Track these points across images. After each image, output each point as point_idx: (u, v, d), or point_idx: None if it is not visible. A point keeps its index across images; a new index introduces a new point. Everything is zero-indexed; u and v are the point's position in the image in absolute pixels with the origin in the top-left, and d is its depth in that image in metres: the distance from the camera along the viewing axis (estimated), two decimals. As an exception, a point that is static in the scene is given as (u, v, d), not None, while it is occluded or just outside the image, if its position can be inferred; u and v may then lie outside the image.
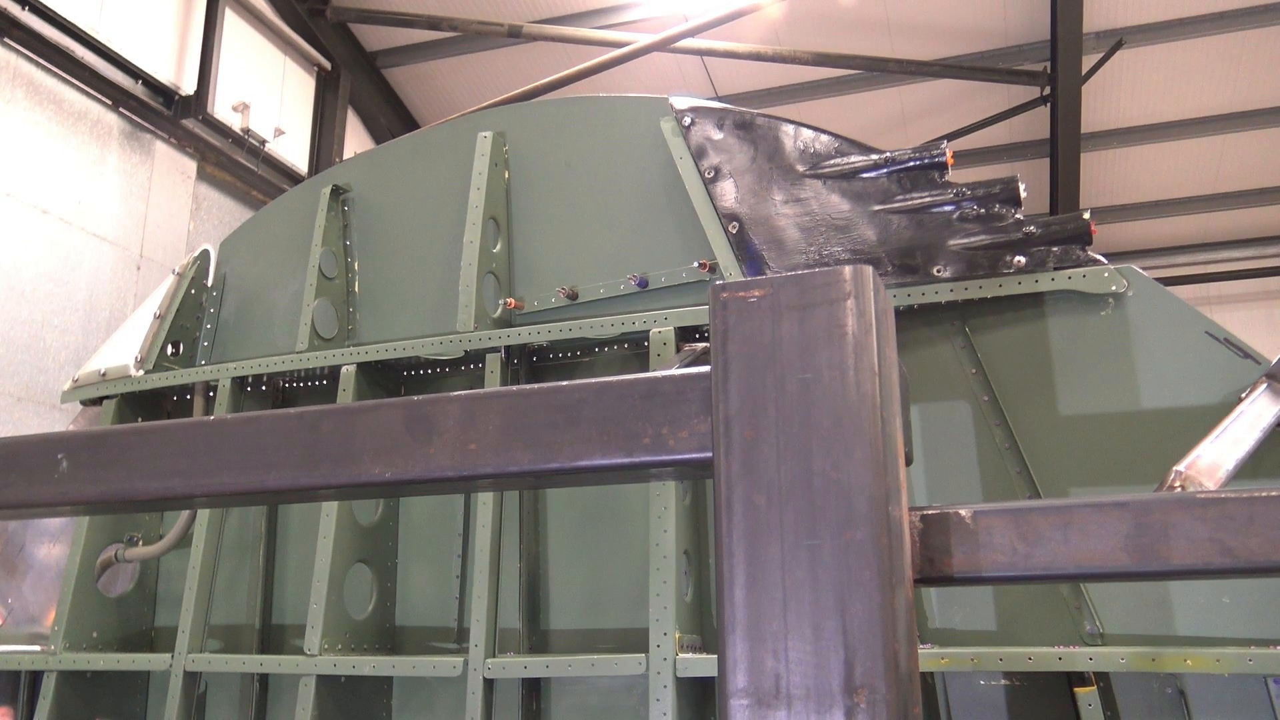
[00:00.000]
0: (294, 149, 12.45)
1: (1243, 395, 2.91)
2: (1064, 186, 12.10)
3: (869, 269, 1.30)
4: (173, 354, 4.41)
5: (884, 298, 1.31)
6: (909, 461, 1.34)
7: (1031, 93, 11.80)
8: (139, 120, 10.69)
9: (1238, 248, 14.40)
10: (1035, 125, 12.48)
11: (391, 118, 13.69)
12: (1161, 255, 14.25)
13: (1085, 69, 11.35)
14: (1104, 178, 13.52)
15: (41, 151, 9.75)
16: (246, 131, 11.59)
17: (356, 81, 13.32)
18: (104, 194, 10.38)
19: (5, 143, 9.39)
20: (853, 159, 3.52)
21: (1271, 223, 14.21)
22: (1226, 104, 12.52)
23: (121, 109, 10.52)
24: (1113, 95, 12.53)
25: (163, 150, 11.03)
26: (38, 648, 4.11)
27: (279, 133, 12.09)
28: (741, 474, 1.27)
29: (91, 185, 10.24)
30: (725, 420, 1.29)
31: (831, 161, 3.55)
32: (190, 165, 11.35)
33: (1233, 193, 13.83)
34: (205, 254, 4.55)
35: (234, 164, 11.58)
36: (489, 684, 3.47)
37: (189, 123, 11.01)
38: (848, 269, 1.27)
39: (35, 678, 4.15)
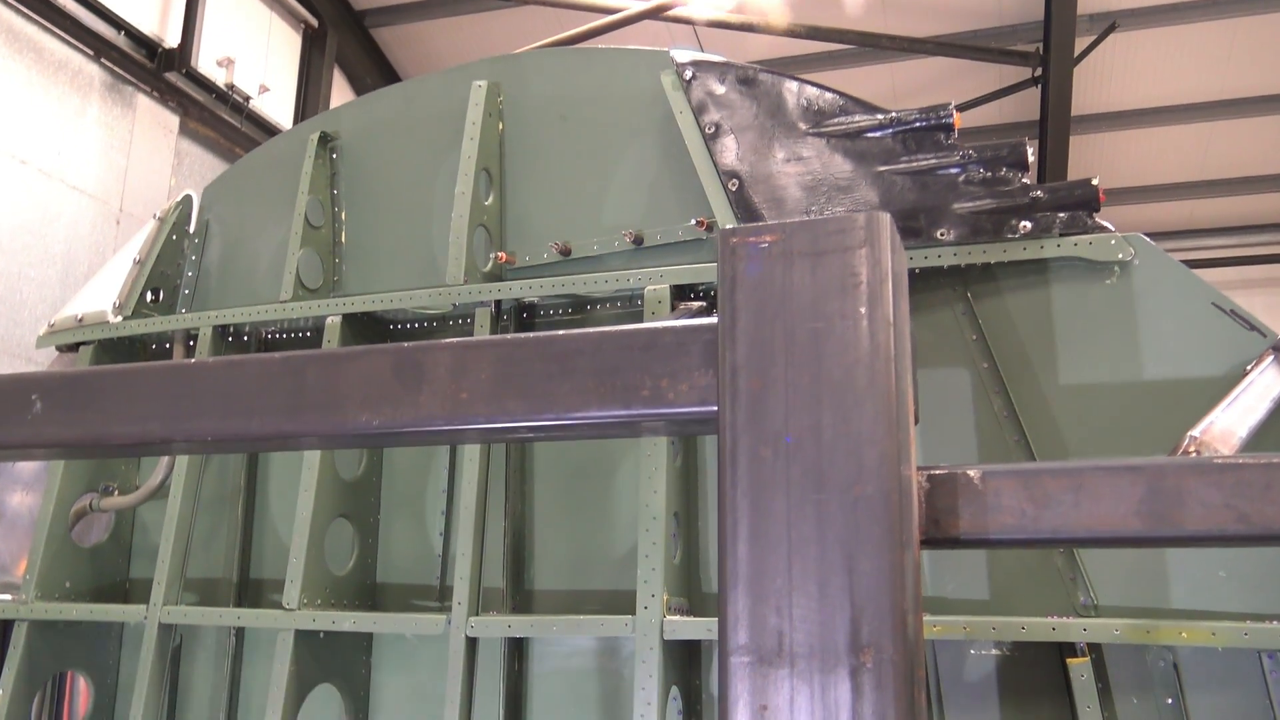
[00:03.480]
0: (278, 107, 12.24)
1: (1248, 368, 2.87)
2: (1052, 169, 12.07)
3: (886, 216, 1.24)
4: (152, 301, 4.30)
5: (899, 246, 1.26)
6: (916, 421, 1.28)
7: (1023, 73, 11.76)
8: (121, 72, 10.48)
9: (1223, 235, 14.46)
10: (1025, 107, 12.45)
11: (378, 79, 13.48)
12: (1147, 241, 14.25)
13: (1078, 51, 11.31)
14: (1092, 161, 13.51)
15: (20, 101, 9.53)
16: (230, 87, 11.38)
17: (344, 40, 13.11)
18: (84, 146, 10.17)
19: (-17, 91, 9.18)
20: (857, 118, 3.44)
21: (1257, 211, 14.27)
22: (1216, 91, 12.53)
23: (103, 60, 10.29)
24: (1104, 79, 12.52)
25: (145, 103, 10.81)
26: (8, 597, 4.02)
27: (263, 90, 11.89)
28: (747, 425, 1.21)
29: (71, 137, 10.03)
30: (732, 369, 1.23)
31: (835, 120, 3.47)
32: (172, 120, 11.14)
33: (1219, 180, 13.87)
34: (188, 199, 4.43)
35: (217, 120, 11.38)
36: (471, 643, 3.41)
37: (172, 76, 10.80)
38: (863, 215, 1.21)
39: (6, 627, 4.06)
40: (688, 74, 3.70)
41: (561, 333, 1.30)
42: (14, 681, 3.79)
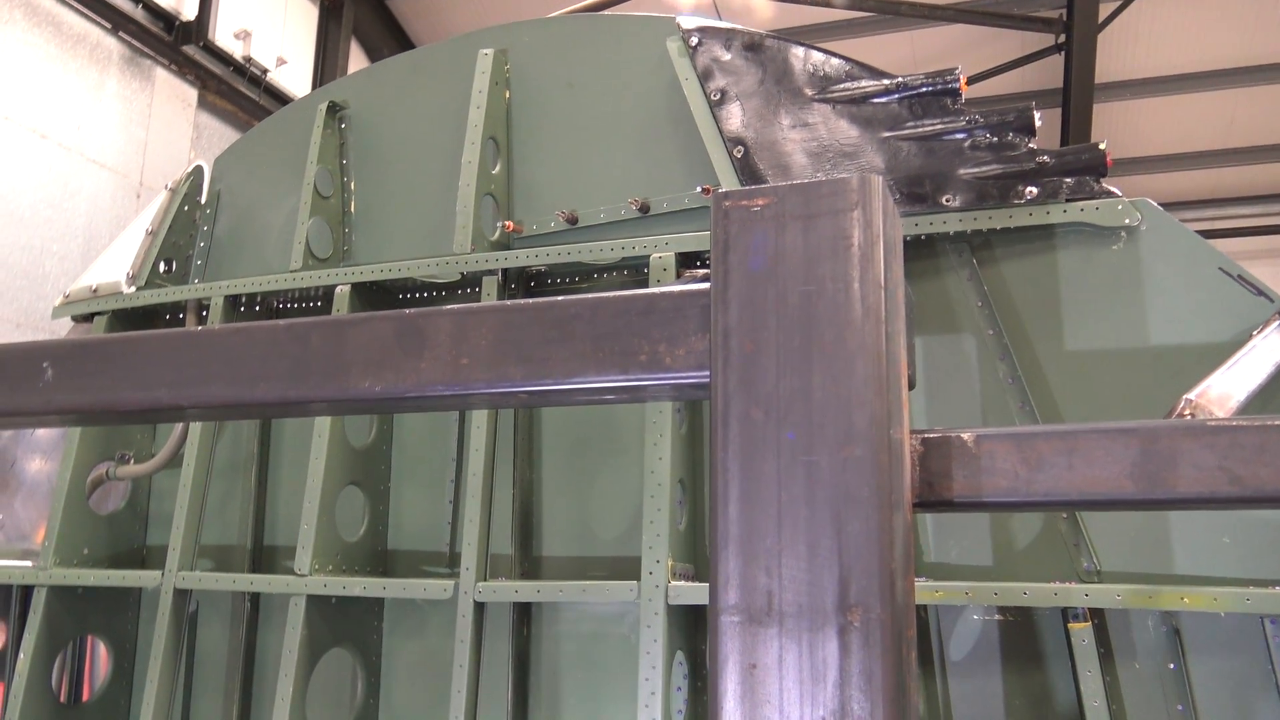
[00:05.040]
0: (296, 79, 12.26)
1: (1255, 333, 2.84)
2: (1075, 137, 11.92)
3: (878, 178, 1.24)
4: (165, 271, 4.34)
5: (892, 210, 1.26)
6: (911, 385, 1.29)
7: (1046, 40, 11.60)
8: (139, 45, 10.52)
9: (1248, 204, 14.26)
10: (1047, 74, 12.28)
11: (396, 51, 13.40)
12: (1171, 210, 13.99)
13: (1102, 17, 11.13)
14: (1115, 130, 13.33)
15: (40, 75, 9.59)
16: (248, 60, 11.41)
17: (360, 12, 13.09)
18: (104, 120, 10.23)
19: (3, 65, 9.24)
20: (863, 83, 3.42)
21: (1284, 180, 14.07)
22: (1242, 57, 12.31)
23: (121, 33, 10.34)
24: (1128, 45, 12.32)
25: (163, 77, 10.86)
26: (29, 563, 4.10)
27: (281, 62, 11.91)
28: (739, 388, 1.22)
29: (91, 110, 10.10)
30: (724, 332, 1.24)
31: (841, 86, 3.45)
32: (191, 93, 11.18)
33: (1245, 148, 13.66)
34: (199, 170, 4.46)
35: (235, 93, 11.42)
36: (480, 607, 3.45)
37: (190, 49, 10.84)
38: (855, 178, 1.22)
39: (26, 593, 4.14)
40: (693, 40, 3.68)
41: (560, 298, 1.31)
42: (34, 646, 3.87)
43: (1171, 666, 2.92)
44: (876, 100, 3.39)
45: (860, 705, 1.09)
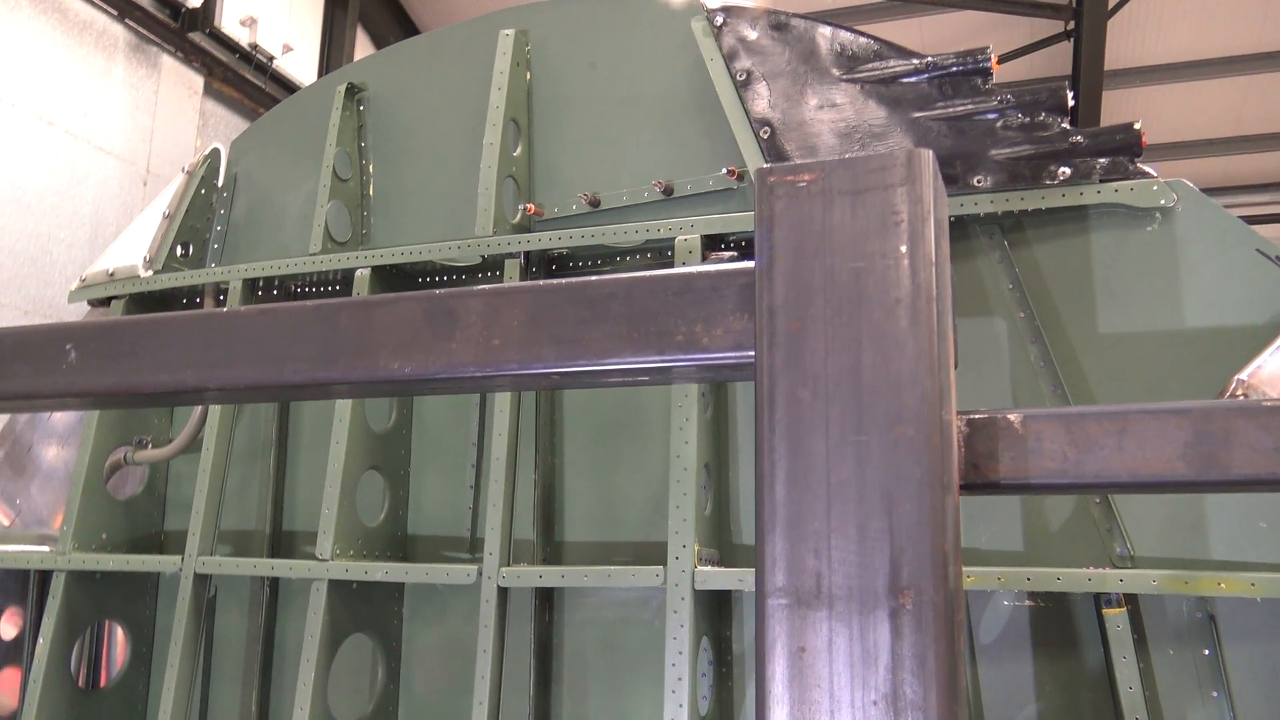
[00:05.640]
0: (302, 67, 12.19)
1: (1294, 314, 2.81)
2: (1084, 125, 11.86)
3: (927, 153, 1.20)
4: (182, 255, 4.30)
5: (940, 185, 1.22)
6: (955, 365, 1.26)
7: (1055, 27, 11.52)
8: (145, 32, 10.46)
9: (1260, 192, 14.19)
10: (1056, 62, 12.21)
11: (401, 37, 13.39)
12: (1182, 199, 14.01)
13: (1112, 4, 11.06)
14: (1125, 117, 13.23)
15: (46, 62, 9.54)
16: (254, 47, 11.35)
17: (367, -2, 13.02)
18: (110, 107, 10.18)
19: (9, 51, 9.18)
20: (892, 63, 3.37)
21: (1296, 167, 13.99)
22: (1253, 44, 12.24)
23: (127, 20, 10.27)
24: (1138, 32, 12.25)
25: (169, 64, 10.80)
26: (47, 548, 4.07)
27: (287, 49, 11.84)
28: (785, 367, 1.19)
29: (97, 98, 10.05)
30: (770, 310, 1.20)
31: (870, 65, 3.40)
32: (197, 80, 11.13)
33: (1256, 135, 13.59)
34: (216, 153, 4.42)
35: (241, 80, 11.35)
36: (503, 593, 3.43)
37: (196, 36, 10.77)
38: (903, 152, 1.18)
39: (44, 578, 4.12)
40: (718, 20, 3.64)
41: (595, 278, 1.28)
42: (53, 631, 3.85)
43: (1206, 653, 2.89)
44: (906, 80, 3.35)
45: (913, 689, 1.06)
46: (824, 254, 1.22)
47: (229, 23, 11.07)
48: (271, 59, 11.54)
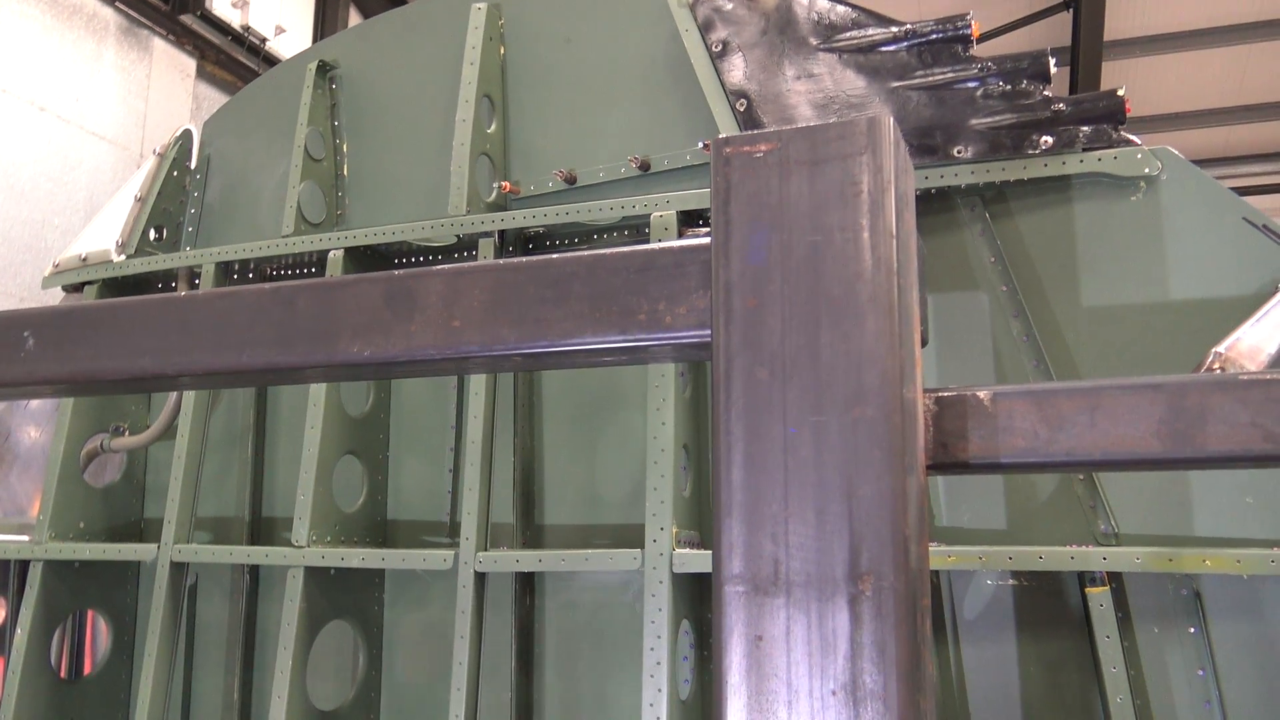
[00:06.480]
0: (295, 48, 12.08)
1: (1280, 284, 2.73)
2: (1087, 96, 11.73)
3: (888, 119, 1.15)
4: (155, 239, 4.25)
5: (904, 154, 1.17)
6: (924, 341, 1.20)
7: (1055, -3, 11.39)
8: (135, 15, 10.38)
9: (1261, 162, 14.04)
10: (1055, 32, 12.06)
11: (395, 17, 13.31)
12: (1184, 170, 13.88)
13: (1114, -29, 10.92)
14: (1125, 88, 13.13)
15: (37, 46, 9.47)
16: (246, 29, 11.27)
17: (359, -22, 12.90)
18: (102, 92, 10.12)
19: (-2, 36, 9.12)
20: (870, 31, 3.29)
21: (1299, 136, 13.83)
22: (1253, 12, 12.08)
23: (117, 3, 10.20)
24: (1137, 1, 12.09)
25: (161, 47, 10.73)
26: (25, 537, 4.04)
27: (279, 30, 11.76)
28: (742, 346, 1.15)
29: (89, 82, 9.98)
30: (726, 287, 1.16)
31: (848, 34, 3.32)
32: (189, 63, 11.06)
33: (1257, 105, 13.43)
34: (187, 134, 4.35)
35: (234, 63, 11.28)
36: (480, 577, 3.38)
37: (187, 19, 10.70)
38: (864, 120, 1.13)
39: (24, 567, 4.08)
40: (694, -10, 3.55)
41: (556, 256, 1.24)
42: (31, 621, 3.82)
43: (1192, 630, 2.83)
44: (884, 49, 3.26)
45: (873, 678, 1.03)
46: (781, 228, 1.17)
47: (220, 5, 11.00)
48: (264, 41, 11.46)
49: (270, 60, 11.52)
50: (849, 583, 1.05)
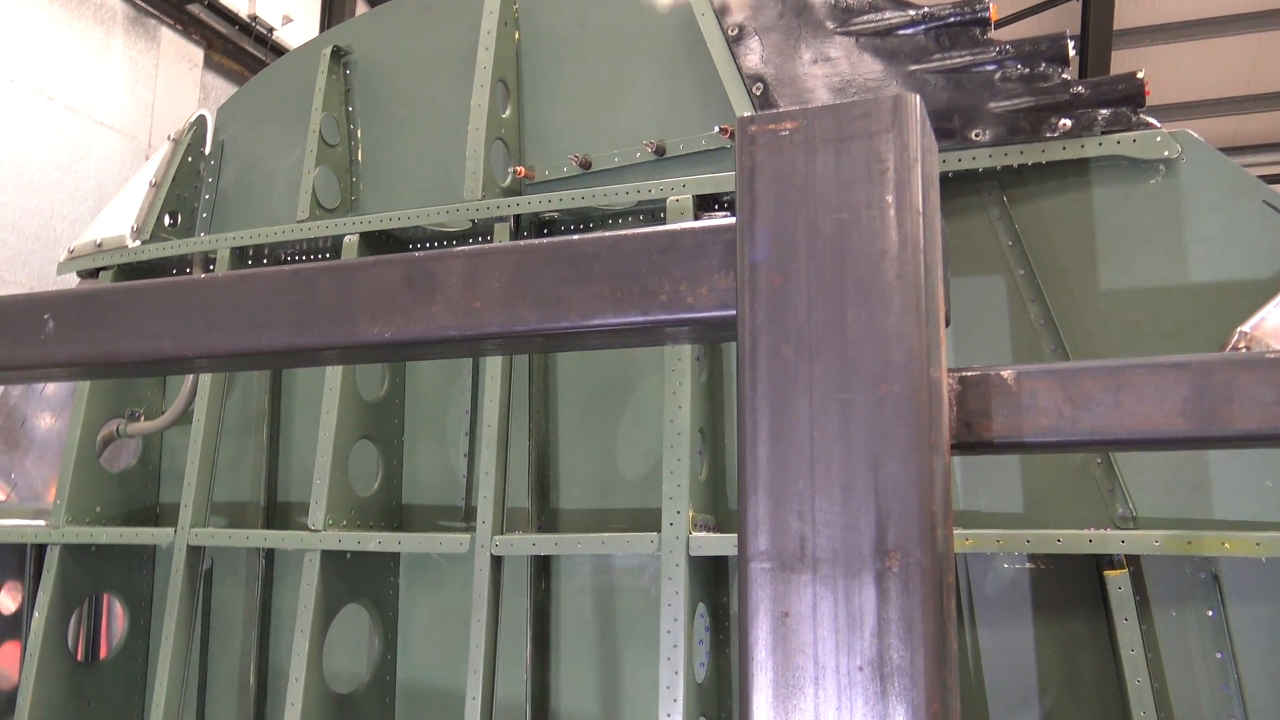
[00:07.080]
0: (303, 38, 12.08)
1: (1301, 266, 2.72)
2: (1096, 85, 11.67)
3: (914, 97, 1.14)
4: (170, 225, 4.25)
5: (929, 132, 1.16)
6: (947, 321, 1.19)
7: (1066, -15, 11.33)
8: (143, 5, 10.38)
9: (1271, 151, 13.97)
10: (1065, 21, 12.01)
11: (403, 6, 13.28)
12: (1193, 159, 13.83)
13: (1124, -40, 10.87)
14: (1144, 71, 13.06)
15: (45, 36, 9.47)
16: (254, 18, 11.26)
17: (367, -33, 12.88)
18: (110, 81, 10.12)
19: (8, 27, 9.12)
20: (887, 15, 3.28)
21: (1308, 126, 13.76)
22: (1263, 0, 12.00)
23: (125, -9, 10.20)
24: (1149, -11, 12.04)
25: (168, 37, 10.73)
26: (42, 522, 4.05)
27: (287, 20, 11.75)
28: (768, 323, 1.14)
29: (97, 72, 9.99)
30: (751, 265, 1.15)
31: (864, 18, 3.31)
32: (197, 53, 11.06)
33: (1266, 94, 13.36)
34: (202, 120, 4.35)
35: (241, 52, 11.28)
36: (496, 561, 3.39)
37: (194, 8, 10.70)
38: (889, 98, 1.12)
39: (40, 551, 4.10)
40: (710, -26, 3.54)
41: (576, 237, 1.24)
42: (49, 605, 3.84)
43: (1210, 613, 2.83)
44: (902, 32, 3.25)
45: (900, 654, 1.02)
46: (807, 205, 1.17)
47: (227, -7, 10.98)
48: (271, 30, 11.45)
49: (278, 50, 11.51)
50: (875, 559, 1.04)
